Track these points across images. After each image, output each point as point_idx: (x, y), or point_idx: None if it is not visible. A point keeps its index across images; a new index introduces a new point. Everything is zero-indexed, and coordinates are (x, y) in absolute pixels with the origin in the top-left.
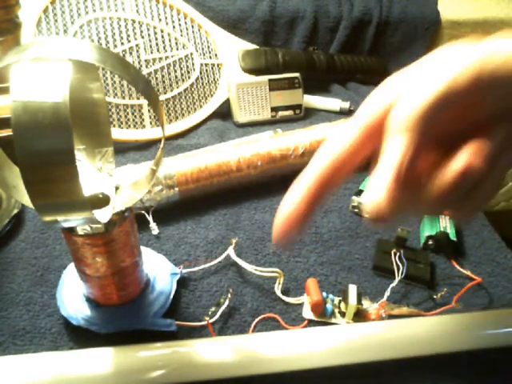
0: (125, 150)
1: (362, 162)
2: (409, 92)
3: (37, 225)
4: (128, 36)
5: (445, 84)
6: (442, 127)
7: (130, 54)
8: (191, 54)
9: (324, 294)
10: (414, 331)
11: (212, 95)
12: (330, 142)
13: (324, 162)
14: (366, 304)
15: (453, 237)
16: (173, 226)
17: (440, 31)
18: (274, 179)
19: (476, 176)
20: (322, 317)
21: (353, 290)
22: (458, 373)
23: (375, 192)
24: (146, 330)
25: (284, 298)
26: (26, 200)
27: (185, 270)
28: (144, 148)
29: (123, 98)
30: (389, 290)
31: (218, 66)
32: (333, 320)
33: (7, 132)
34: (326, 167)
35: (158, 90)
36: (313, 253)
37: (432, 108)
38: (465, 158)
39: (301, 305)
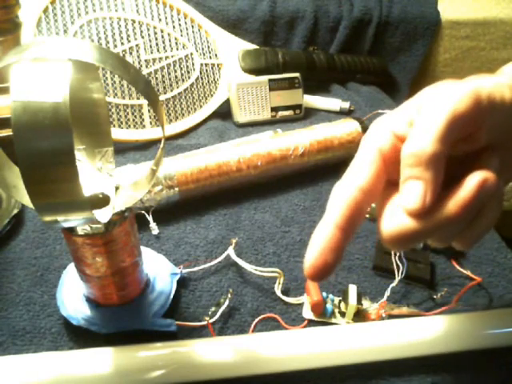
0: (125, 150)
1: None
2: (418, 123)
3: (37, 225)
4: (128, 36)
5: (451, 110)
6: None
7: (130, 53)
8: (191, 53)
9: (324, 294)
10: (414, 331)
11: (212, 95)
12: (352, 172)
13: (351, 193)
14: (366, 304)
15: None
16: (173, 226)
17: (440, 31)
18: (273, 179)
19: (491, 190)
20: (322, 317)
21: (353, 290)
22: (458, 373)
23: (402, 218)
24: (146, 330)
25: (284, 297)
26: (26, 200)
27: (185, 270)
28: (144, 148)
29: (123, 98)
30: (389, 289)
31: (218, 66)
32: (333, 320)
33: (7, 132)
34: (352, 199)
35: (158, 90)
36: None
37: (444, 136)
38: (480, 174)
39: (301, 305)
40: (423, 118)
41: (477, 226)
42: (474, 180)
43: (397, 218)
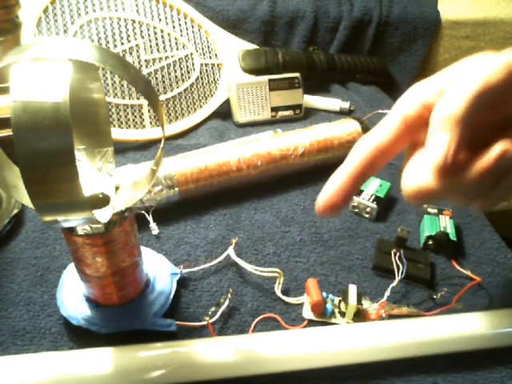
0: (125, 150)
1: (399, 151)
2: (450, 91)
3: (37, 225)
4: (128, 36)
5: (482, 81)
6: (476, 125)
7: (130, 53)
8: (191, 53)
9: (324, 294)
10: (413, 331)
11: (212, 95)
12: (374, 131)
13: (367, 149)
14: (366, 304)
15: (453, 237)
16: (173, 226)
17: (440, 31)
18: (273, 179)
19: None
20: (322, 317)
21: (353, 290)
22: (458, 373)
23: (424, 175)
24: (146, 330)
25: (284, 297)
26: (26, 200)
27: (185, 270)
28: (144, 148)
29: (123, 98)
30: (389, 290)
31: (217, 66)
32: (333, 320)
33: (7, 132)
34: (368, 154)
35: (158, 90)
36: (313, 253)
37: (473, 104)
38: (502, 144)
39: (301, 305)
40: (455, 86)
41: (496, 191)
42: (495, 150)
43: (419, 175)
